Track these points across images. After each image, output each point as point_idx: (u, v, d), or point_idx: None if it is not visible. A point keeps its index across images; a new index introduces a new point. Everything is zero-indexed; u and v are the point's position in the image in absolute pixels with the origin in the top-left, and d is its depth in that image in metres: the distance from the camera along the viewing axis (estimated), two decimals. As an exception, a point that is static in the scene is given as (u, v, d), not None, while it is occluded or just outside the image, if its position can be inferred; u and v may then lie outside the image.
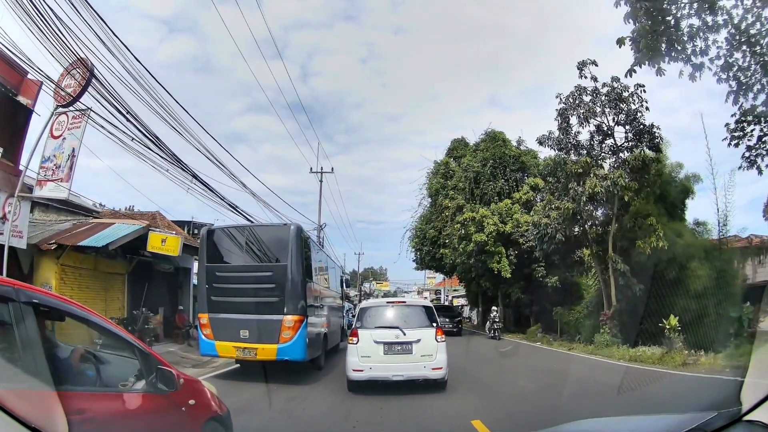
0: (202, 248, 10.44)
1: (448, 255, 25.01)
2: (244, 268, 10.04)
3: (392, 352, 7.94)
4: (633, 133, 17.21)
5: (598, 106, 17.30)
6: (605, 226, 17.73)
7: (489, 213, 22.48)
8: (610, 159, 17.62)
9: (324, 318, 12.14)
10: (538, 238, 17.84)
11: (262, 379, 9.16)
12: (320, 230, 27.44)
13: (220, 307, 9.82)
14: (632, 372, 11.20)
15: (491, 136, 26.63)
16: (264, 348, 9.44)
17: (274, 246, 10.03)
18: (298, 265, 9.66)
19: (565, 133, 17.35)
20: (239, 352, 9.66)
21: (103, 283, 13.20)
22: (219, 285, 9.94)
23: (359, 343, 8.09)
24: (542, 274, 22.85)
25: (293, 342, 9.29)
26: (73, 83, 9.97)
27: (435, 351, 7.97)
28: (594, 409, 6.35)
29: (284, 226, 10.25)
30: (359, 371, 7.99)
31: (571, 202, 16.16)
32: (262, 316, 9.57)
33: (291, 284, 9.50)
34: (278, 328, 9.34)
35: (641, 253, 16.76)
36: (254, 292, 9.76)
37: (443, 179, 27.94)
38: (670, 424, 2.46)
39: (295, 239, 9.78)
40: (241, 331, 9.63)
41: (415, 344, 7.92)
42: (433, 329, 8.16)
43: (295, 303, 9.49)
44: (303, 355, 9.45)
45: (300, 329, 9.37)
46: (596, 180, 15.50)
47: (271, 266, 9.88)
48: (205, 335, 9.91)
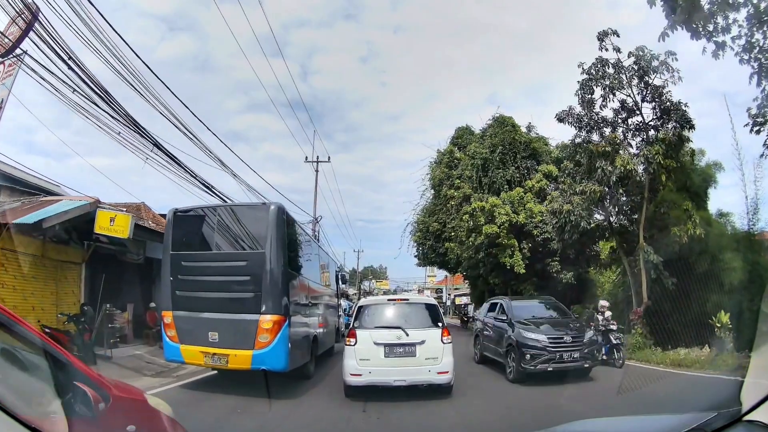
0: (167, 233, 8.68)
1: (453, 249, 23.08)
2: (214, 257, 8.20)
3: (394, 355, 7.35)
4: (660, 109, 15.36)
5: (624, 78, 15.40)
6: (632, 212, 15.78)
7: (500, 202, 20.49)
8: (636, 138, 15.78)
9: (314, 318, 10.27)
10: (558, 227, 15.82)
11: (240, 390, 7.90)
12: (315, 223, 25.46)
13: (187, 303, 8.15)
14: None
15: (499, 121, 24.63)
16: (237, 354, 7.70)
17: (250, 230, 8.18)
18: (279, 253, 7.78)
19: (588, 107, 15.40)
20: (208, 359, 7.95)
21: (54, 272, 11.22)
22: (185, 277, 8.24)
23: (357, 344, 7.46)
24: (557, 269, 20.91)
25: (272, 348, 7.50)
26: (16, 30, 8.56)
27: (441, 353, 7.40)
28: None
29: (262, 206, 8.31)
30: (357, 376, 7.37)
31: (597, 185, 14.16)
32: (235, 315, 7.82)
33: (270, 277, 7.67)
34: (253, 331, 7.58)
35: (675, 242, 14.95)
36: (226, 285, 8.01)
37: (447, 169, 26.01)
38: (670, 424, 2.47)
39: (275, 222, 7.86)
40: (210, 333, 7.89)
41: (418, 346, 7.35)
42: (438, 329, 7.56)
43: (275, 300, 7.67)
44: (284, 363, 7.61)
45: (280, 332, 7.55)
46: (628, 157, 13.51)
47: (245, 254, 8.06)
48: (170, 337, 8.26)
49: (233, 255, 8.05)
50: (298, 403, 7.70)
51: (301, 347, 8.71)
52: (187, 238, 8.57)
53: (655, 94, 15.29)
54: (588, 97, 15.40)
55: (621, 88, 15.32)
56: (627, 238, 16.37)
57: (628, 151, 14.27)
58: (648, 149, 14.03)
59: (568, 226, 15.02)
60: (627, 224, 16.52)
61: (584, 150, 15.69)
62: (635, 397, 8.03)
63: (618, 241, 16.17)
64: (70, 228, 11.06)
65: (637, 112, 15.67)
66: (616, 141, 14.74)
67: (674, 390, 8.86)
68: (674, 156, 14.59)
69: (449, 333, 7.69)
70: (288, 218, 8.36)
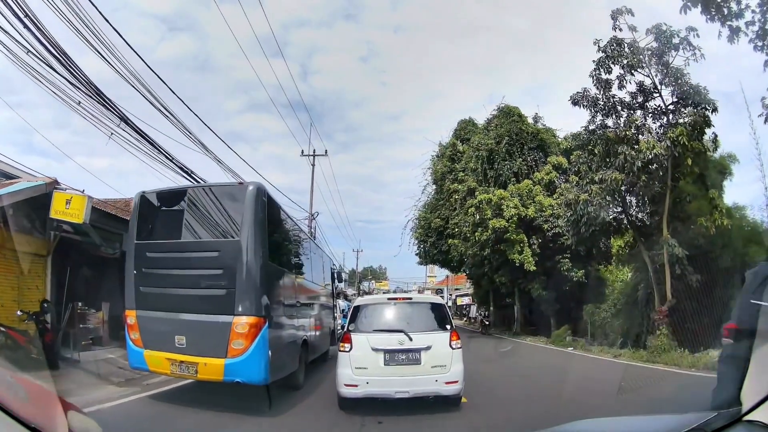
0: (132, 219, 7.47)
1: (458, 246, 21.83)
2: (183, 247, 6.93)
3: (395, 363, 6.38)
4: (679, 92, 14.16)
5: (644, 57, 14.20)
6: (653, 203, 14.52)
7: (508, 195, 19.23)
8: (655, 123, 14.57)
9: (303, 320, 9.01)
10: (573, 220, 14.55)
11: (218, 402, 6.80)
12: (312, 219, 24.19)
13: (151, 301, 6.94)
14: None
15: (505, 111, 23.38)
16: (206, 363, 6.42)
17: (224, 214, 6.88)
18: (258, 242, 6.51)
19: (604, 88, 14.18)
20: (174, 368, 6.68)
21: (16, 265, 9.92)
22: (150, 270, 7.02)
23: (353, 350, 6.45)
24: (567, 266, 19.66)
25: (248, 356, 6.21)
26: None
27: (449, 360, 6.41)
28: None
29: (238, 186, 6.99)
30: (353, 386, 6.32)
31: (618, 172, 12.91)
32: (205, 316, 6.54)
33: (246, 270, 6.39)
34: (226, 335, 6.29)
35: (701, 234, 13.77)
36: (195, 281, 6.72)
37: (450, 162, 24.80)
38: (670, 424, 2.46)
39: (253, 205, 6.60)
40: (176, 337, 6.63)
41: (424, 352, 6.38)
42: (446, 333, 6.59)
43: (252, 298, 6.38)
44: (263, 375, 6.35)
45: (258, 337, 6.26)
46: (653, 140, 12.26)
47: (217, 243, 6.77)
48: (133, 341, 7.04)
49: (203, 244, 6.77)
50: (284, 418, 6.53)
51: (287, 354, 7.46)
52: (154, 225, 7.33)
53: (675, 75, 14.13)
54: (605, 77, 14.21)
55: (640, 67, 14.13)
56: (645, 232, 15.20)
57: (650, 135, 12.98)
58: (673, 131, 12.79)
59: (585, 218, 13.77)
60: (646, 216, 15.34)
61: (599, 137, 14.52)
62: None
63: (637, 234, 14.95)
64: (33, 215, 9.82)
65: (655, 94, 14.51)
66: (639, 124, 13.55)
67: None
68: (699, 139, 13.41)
69: (459, 336, 6.68)
70: (270, 202, 7.07)
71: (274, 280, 7.13)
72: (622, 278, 23.35)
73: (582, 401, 7.29)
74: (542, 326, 22.44)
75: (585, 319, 18.86)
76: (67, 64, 8.08)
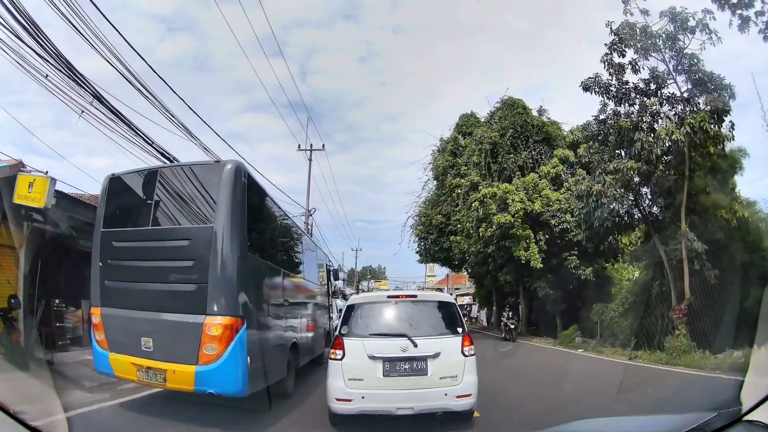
0: (100, 205, 6.60)
1: (460, 243, 20.94)
2: (151, 235, 6.06)
3: (396, 373, 5.37)
4: (693, 80, 13.36)
5: (658, 40, 13.38)
6: (668, 195, 13.63)
7: (513, 189, 18.34)
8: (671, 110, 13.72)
9: (292, 320, 8.13)
10: (585, 213, 13.66)
11: (196, 411, 6.00)
12: (309, 216, 23.33)
13: (117, 298, 6.10)
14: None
15: (508, 103, 22.52)
16: (176, 371, 5.53)
17: (198, 197, 5.99)
18: (235, 229, 5.61)
19: (617, 72, 13.33)
20: (141, 374, 5.82)
21: (-15, 258, 9.10)
22: (116, 262, 6.19)
23: (346, 358, 5.45)
24: (575, 264, 18.76)
25: (222, 363, 5.31)
26: None
27: (461, 370, 5.43)
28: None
29: (214, 166, 6.08)
30: (345, 401, 5.33)
31: (635, 161, 12.03)
32: (173, 315, 5.66)
33: (220, 262, 5.48)
34: (197, 338, 5.39)
35: (720, 227, 12.93)
36: (163, 274, 5.84)
37: (452, 157, 23.94)
38: (670, 424, 2.44)
39: (230, 187, 5.71)
40: (143, 339, 5.77)
41: (431, 360, 5.40)
42: (458, 338, 5.60)
43: (227, 295, 5.48)
44: (239, 385, 5.45)
45: (234, 341, 5.35)
46: (672, 126, 11.40)
47: (188, 231, 5.87)
48: (98, 342, 6.25)
49: (172, 232, 5.89)
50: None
51: (271, 360, 6.54)
52: (123, 211, 6.47)
53: (690, 61, 13.32)
54: (617, 62, 13.37)
55: (654, 50, 13.30)
56: (658, 227, 14.35)
57: (669, 120, 12.13)
58: (693, 116, 11.92)
59: (598, 210, 12.87)
60: (660, 210, 14.47)
61: (611, 127, 13.68)
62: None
63: (652, 229, 14.09)
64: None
65: (670, 81, 13.67)
66: (654, 111, 12.70)
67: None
68: (719, 125, 12.56)
69: (472, 341, 5.67)
70: (251, 184, 6.17)
71: (256, 274, 6.22)
72: (628, 277, 22.65)
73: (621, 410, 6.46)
74: (543, 326, 21.64)
75: (592, 319, 18.07)
76: (35, 32, 7.21)
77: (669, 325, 13.24)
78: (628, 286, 19.45)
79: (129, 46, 9.35)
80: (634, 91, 13.44)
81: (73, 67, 8.54)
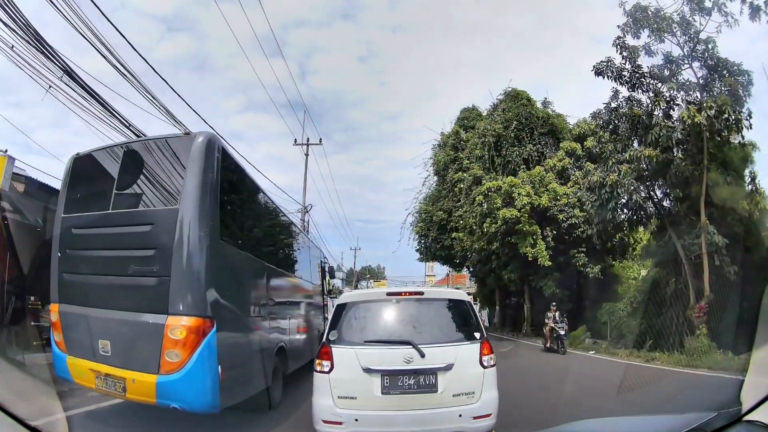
0: (62, 189, 5.81)
1: (464, 240, 20.07)
2: (110, 220, 5.16)
3: (398, 390, 4.31)
4: (709, 64, 12.63)
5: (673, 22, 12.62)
6: (685, 185, 12.79)
7: (519, 182, 17.50)
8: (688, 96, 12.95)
9: (279, 321, 7.24)
10: (597, 206, 12.82)
11: (171, 422, 5.34)
12: (305, 212, 22.49)
13: (74, 293, 5.29)
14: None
15: (512, 95, 21.68)
16: (135, 380, 4.65)
17: (163, 176, 5.13)
18: (205, 212, 4.72)
19: (631, 55, 12.53)
20: (99, 381, 4.96)
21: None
22: (74, 252, 5.39)
23: (335, 371, 4.41)
24: (583, 261, 17.93)
25: (186, 372, 4.41)
26: None
27: (479, 385, 4.39)
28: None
29: (184, 138, 5.18)
30: (335, 425, 4.28)
31: (652, 149, 11.20)
32: (132, 314, 4.79)
33: (186, 251, 4.60)
34: (158, 342, 4.52)
35: (740, 220, 12.15)
36: (122, 265, 4.95)
37: (453, 151, 23.10)
38: (670, 424, 2.42)
39: (201, 162, 4.85)
40: (100, 341, 4.92)
41: (442, 374, 4.35)
42: (475, 345, 4.55)
43: (194, 290, 4.59)
44: (208, 399, 4.56)
45: (202, 346, 4.46)
46: (693, 109, 10.59)
47: (149, 214, 4.99)
48: (57, 343, 5.44)
49: (133, 216, 5.01)
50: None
51: (250, 369, 5.68)
52: (85, 195, 5.61)
53: (706, 45, 12.60)
54: (631, 44, 12.57)
55: (670, 32, 12.52)
56: (672, 221, 13.55)
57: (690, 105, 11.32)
58: (712, 99, 11.11)
59: (612, 203, 12.03)
60: (674, 203, 13.65)
61: (624, 114, 12.90)
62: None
63: (668, 222, 13.27)
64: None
65: (685, 66, 12.91)
66: (670, 97, 11.92)
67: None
68: (739, 111, 11.78)
69: (492, 349, 4.65)
70: (227, 160, 5.28)
71: (230, 266, 5.32)
72: (633, 275, 21.87)
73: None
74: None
75: (600, 319, 17.27)
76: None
77: (685, 325, 12.45)
78: (636, 285, 18.73)
79: (130, 46, 8.64)
80: (648, 76, 12.65)
81: (42, 38, 7.74)
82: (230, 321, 5.11)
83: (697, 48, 12.76)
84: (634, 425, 2.92)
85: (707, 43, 12.71)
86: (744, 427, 1.88)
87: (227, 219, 5.21)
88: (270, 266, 6.88)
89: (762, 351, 3.63)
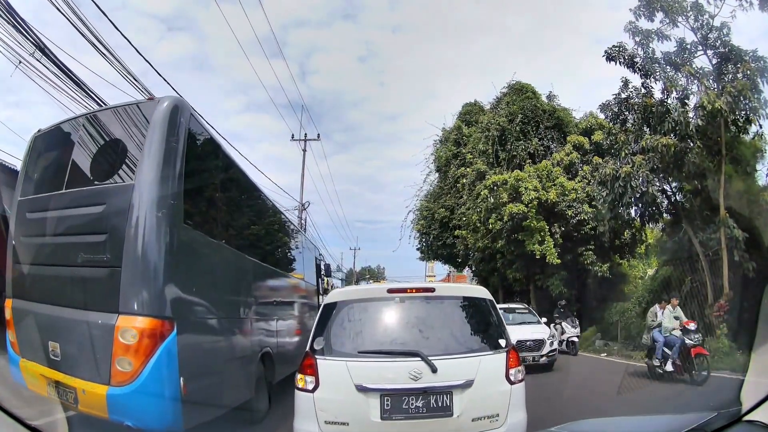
0: (21, 170, 5.19)
1: (468, 238, 19.36)
2: (61, 201, 4.47)
3: (403, 414, 3.37)
4: (720, 54, 11.95)
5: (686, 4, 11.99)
6: (700, 177, 12.08)
7: (525, 176, 16.79)
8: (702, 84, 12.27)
9: (263, 323, 6.51)
10: (610, 201, 12.11)
11: None
12: (302, 210, 21.82)
13: (26, 286, 4.66)
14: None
15: (516, 89, 21.00)
16: (86, 390, 3.93)
17: (122, 149, 4.43)
18: (165, 189, 3.98)
19: (644, 40, 11.85)
20: (51, 389, 4.29)
21: None
22: (27, 239, 4.75)
23: (321, 390, 3.49)
24: (591, 259, 17.18)
25: (141, 385, 3.66)
26: None
27: (505, 405, 3.46)
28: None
29: (147, 103, 4.40)
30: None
31: (670, 138, 10.51)
32: (79, 312, 4.08)
33: (141, 235, 3.85)
34: (107, 346, 3.78)
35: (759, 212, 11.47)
36: (71, 253, 4.23)
37: (455, 147, 22.38)
38: (670, 424, 2.40)
39: (163, 130, 4.14)
40: (50, 342, 4.25)
41: (459, 393, 3.41)
42: (500, 355, 3.63)
43: (149, 284, 3.84)
44: (167, 417, 3.80)
45: (158, 353, 3.71)
46: (714, 94, 9.90)
47: (101, 191, 4.25)
48: (11, 343, 4.82)
49: (83, 195, 4.26)
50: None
51: (226, 379, 4.93)
52: (42, 174, 4.96)
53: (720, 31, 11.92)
54: (644, 28, 11.90)
55: (683, 14, 11.86)
56: (688, 214, 12.86)
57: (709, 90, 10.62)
58: (732, 85, 10.42)
59: (626, 196, 11.30)
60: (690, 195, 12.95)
61: (635, 104, 12.23)
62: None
63: (683, 216, 12.57)
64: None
65: (699, 53, 12.22)
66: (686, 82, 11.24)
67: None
68: (758, 97, 11.11)
69: (519, 360, 3.77)
70: (195, 129, 4.55)
71: (197, 256, 4.56)
72: (640, 274, 21.15)
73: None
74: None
75: (608, 320, 16.58)
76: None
77: (702, 325, 11.74)
78: (644, 284, 18.05)
79: (130, 45, 8.07)
80: (662, 61, 11.96)
81: (14, 9, 7.14)
82: (196, 323, 4.39)
83: (712, 33, 12.15)
84: (635, 425, 2.86)
85: (722, 27, 12.10)
86: (744, 427, 1.86)
87: (194, 199, 4.50)
88: (252, 260, 6.13)
89: (762, 351, 3.53)
